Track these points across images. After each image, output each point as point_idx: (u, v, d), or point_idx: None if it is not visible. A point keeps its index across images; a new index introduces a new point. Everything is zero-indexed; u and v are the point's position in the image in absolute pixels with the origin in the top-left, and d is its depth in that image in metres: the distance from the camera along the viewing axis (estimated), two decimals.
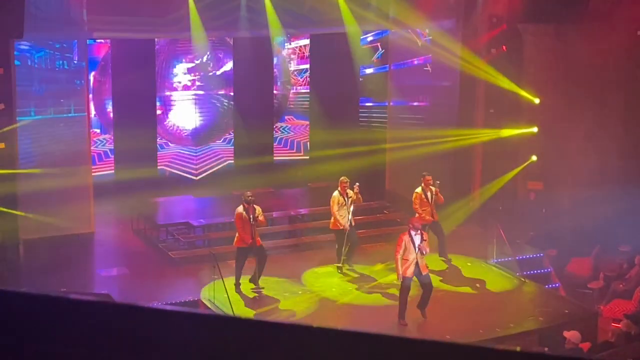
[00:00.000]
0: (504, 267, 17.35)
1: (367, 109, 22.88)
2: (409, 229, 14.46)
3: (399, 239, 14.43)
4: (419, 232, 14.33)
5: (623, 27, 20.34)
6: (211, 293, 15.19)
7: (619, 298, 16.87)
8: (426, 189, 16.99)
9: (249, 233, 15.40)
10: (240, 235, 15.48)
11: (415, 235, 14.30)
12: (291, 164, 23.44)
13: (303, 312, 15.11)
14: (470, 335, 14.20)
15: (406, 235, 14.35)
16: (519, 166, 20.84)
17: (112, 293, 15.41)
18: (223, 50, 22.36)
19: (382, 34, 22.17)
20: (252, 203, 15.55)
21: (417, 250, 14.23)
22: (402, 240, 14.31)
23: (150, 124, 21.23)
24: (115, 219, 19.69)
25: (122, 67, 20.59)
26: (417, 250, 14.23)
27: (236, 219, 15.59)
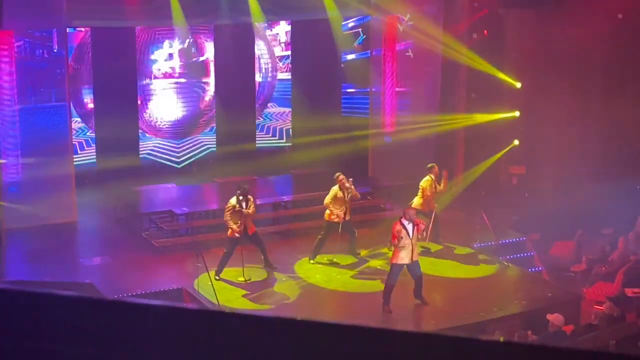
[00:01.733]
0: (487, 252, 17.40)
1: (349, 95, 22.86)
2: (400, 218, 14.50)
3: (392, 229, 14.44)
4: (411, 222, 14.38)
5: (604, 10, 20.40)
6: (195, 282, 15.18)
7: (602, 281, 16.95)
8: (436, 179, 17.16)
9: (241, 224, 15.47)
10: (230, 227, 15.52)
11: (408, 224, 14.34)
12: (273, 151, 23.40)
13: (288, 298, 15.12)
14: (454, 319, 14.26)
15: (398, 224, 14.38)
16: (501, 151, 20.90)
17: (95, 282, 15.36)
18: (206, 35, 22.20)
19: (363, 19, 22.13)
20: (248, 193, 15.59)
21: (411, 237, 14.27)
22: (394, 229, 14.32)
23: (132, 112, 21.09)
24: (98, 208, 19.60)
25: (103, 55, 20.44)
26: (411, 237, 14.27)
27: (226, 211, 15.58)
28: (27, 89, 18.67)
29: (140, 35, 21.53)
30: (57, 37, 19.06)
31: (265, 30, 23.40)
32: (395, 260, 14.40)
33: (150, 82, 21.86)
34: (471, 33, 20.70)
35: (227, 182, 20.43)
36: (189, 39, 21.73)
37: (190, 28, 21.00)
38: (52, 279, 15.28)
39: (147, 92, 21.82)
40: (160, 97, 22.00)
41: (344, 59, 22.71)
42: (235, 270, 15.86)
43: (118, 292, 14.95)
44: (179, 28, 20.36)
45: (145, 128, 21.98)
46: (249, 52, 22.24)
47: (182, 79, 22.20)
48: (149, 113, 21.92)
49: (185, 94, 22.29)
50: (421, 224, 14.68)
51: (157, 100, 21.96)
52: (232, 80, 21.63)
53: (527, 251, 18.19)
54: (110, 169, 19.78)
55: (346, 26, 22.40)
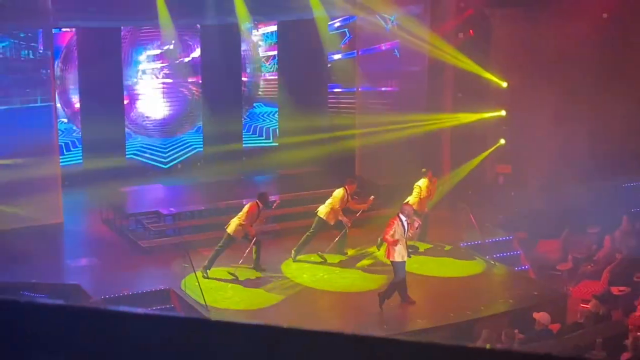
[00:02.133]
0: (474, 251, 17.44)
1: (336, 95, 22.86)
2: (398, 214, 14.55)
3: (390, 222, 14.48)
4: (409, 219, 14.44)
5: (589, 10, 20.47)
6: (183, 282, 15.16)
7: (588, 279, 17.03)
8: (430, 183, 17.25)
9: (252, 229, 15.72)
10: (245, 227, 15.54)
11: (406, 220, 14.39)
12: (260, 151, 23.39)
13: (275, 299, 15.11)
14: (441, 319, 14.30)
15: (396, 219, 14.44)
16: (488, 150, 20.94)
17: (82, 283, 15.31)
18: (190, 36, 22.18)
19: (349, 19, 22.13)
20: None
21: (405, 235, 14.32)
22: (392, 224, 14.37)
23: (118, 112, 21.06)
24: (84, 209, 19.55)
25: (88, 56, 20.40)
26: (406, 234, 14.33)
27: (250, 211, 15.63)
28: (12, 90, 18.59)
29: (126, 36, 21.48)
30: (43, 37, 18.99)
31: (252, 31, 23.38)
32: (392, 257, 14.41)
33: (136, 82, 21.82)
34: (457, 33, 20.72)
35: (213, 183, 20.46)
36: (175, 39, 21.69)
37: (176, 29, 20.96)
38: (38, 281, 15.23)
39: (133, 92, 21.79)
40: (147, 96, 21.97)
41: (331, 59, 22.71)
42: (223, 270, 15.84)
43: (104, 293, 14.92)
44: (165, 28, 20.32)
45: (133, 127, 21.93)
46: (236, 53, 22.23)
47: (168, 79, 22.17)
48: (135, 112, 21.89)
49: (171, 94, 22.27)
50: (416, 221, 14.71)
51: (144, 100, 21.93)
52: (218, 80, 21.62)
53: (514, 250, 18.24)
54: (96, 169, 19.73)
55: (332, 26, 22.40)
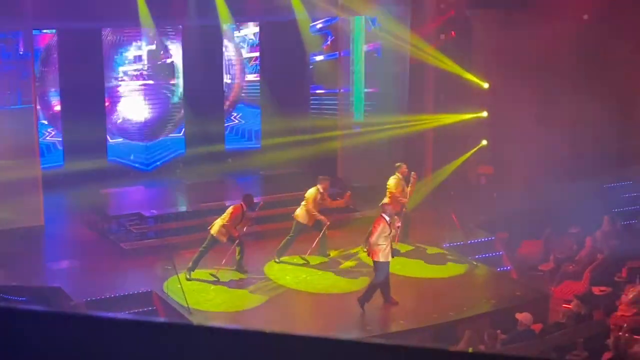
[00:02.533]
0: (456, 251, 17.46)
1: (318, 96, 22.86)
2: (381, 214, 14.56)
3: (376, 223, 14.48)
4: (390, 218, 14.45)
5: (570, 11, 20.58)
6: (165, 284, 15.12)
7: (569, 279, 17.08)
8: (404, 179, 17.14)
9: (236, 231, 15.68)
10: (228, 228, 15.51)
11: (390, 220, 14.42)
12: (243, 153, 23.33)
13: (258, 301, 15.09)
14: (424, 319, 14.32)
15: (383, 221, 14.44)
16: (470, 151, 20.99)
17: (63, 286, 15.23)
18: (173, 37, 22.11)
19: (331, 20, 22.14)
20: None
21: (390, 234, 14.34)
22: (379, 225, 14.36)
23: (99, 114, 20.97)
24: (65, 211, 19.46)
25: (69, 58, 20.30)
26: (391, 234, 14.34)
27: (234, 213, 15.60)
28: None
29: (107, 36, 21.40)
30: (23, 39, 18.89)
31: (234, 32, 23.34)
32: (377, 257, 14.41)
33: (117, 84, 21.74)
34: (439, 34, 20.78)
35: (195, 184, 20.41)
36: (157, 40, 21.63)
37: (158, 30, 20.91)
38: (19, 283, 15.15)
39: (114, 94, 21.70)
40: (128, 99, 21.88)
41: (313, 60, 22.71)
42: (206, 272, 15.80)
43: (86, 296, 14.85)
44: (146, 29, 20.26)
45: (114, 130, 21.85)
46: (218, 54, 22.19)
47: (150, 80, 22.09)
48: (117, 115, 21.80)
49: (153, 95, 22.18)
50: (397, 221, 14.73)
51: (125, 102, 21.84)
52: (200, 82, 21.57)
53: (496, 250, 18.28)
54: (77, 171, 19.64)
55: (314, 27, 22.40)
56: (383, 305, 14.79)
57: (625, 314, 14.93)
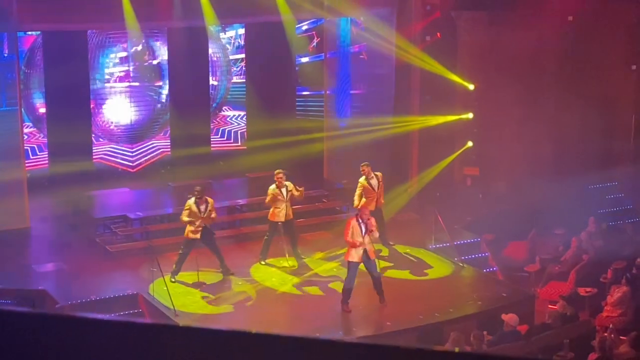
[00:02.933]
0: (442, 253, 17.49)
1: (304, 97, 22.86)
2: (357, 215, 14.60)
3: (347, 223, 14.53)
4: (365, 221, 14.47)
5: (554, 13, 20.64)
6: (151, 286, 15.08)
7: (555, 280, 17.15)
8: (369, 177, 16.99)
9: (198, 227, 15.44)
10: (191, 224, 15.46)
11: (362, 223, 14.42)
12: (229, 155, 23.31)
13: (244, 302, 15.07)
14: (410, 321, 14.33)
15: (354, 220, 14.48)
16: (455, 152, 21.03)
17: (49, 288, 15.19)
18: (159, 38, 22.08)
19: (317, 22, 22.15)
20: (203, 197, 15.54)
21: (364, 235, 14.35)
22: (349, 225, 14.41)
23: (85, 116, 20.89)
24: (51, 214, 19.38)
25: (54, 59, 20.22)
26: (364, 235, 14.35)
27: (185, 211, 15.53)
28: None
29: (92, 38, 21.34)
30: (8, 41, 18.82)
31: (219, 33, 23.31)
32: (349, 257, 14.50)
33: (103, 85, 21.68)
34: (424, 35, 20.80)
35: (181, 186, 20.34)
36: (142, 41, 21.60)
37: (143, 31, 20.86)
38: (4, 286, 15.09)
39: (100, 96, 21.65)
40: (114, 100, 21.84)
41: (298, 61, 22.72)
42: (191, 274, 15.79)
43: (72, 299, 14.81)
44: (131, 31, 20.21)
45: (100, 132, 21.80)
46: (203, 55, 22.16)
47: (136, 82, 22.04)
48: (102, 117, 21.75)
49: (139, 97, 22.14)
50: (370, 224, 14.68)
51: (111, 104, 21.79)
52: (186, 83, 21.54)
53: (482, 252, 18.33)
54: (63, 174, 19.57)
55: (300, 29, 22.41)
56: (370, 307, 14.80)
57: (611, 314, 15.00)
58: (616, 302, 15.09)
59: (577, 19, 20.86)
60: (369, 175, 16.98)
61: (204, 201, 15.58)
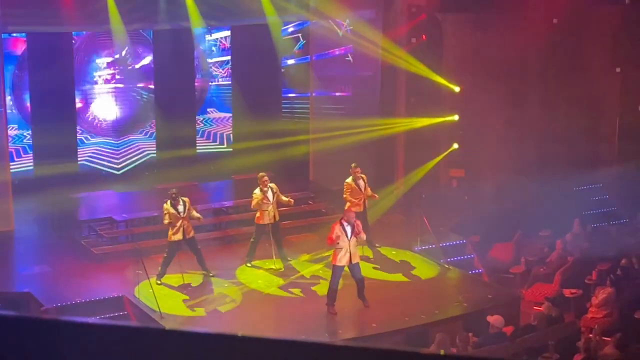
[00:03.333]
0: (428, 255, 17.50)
1: (290, 99, 22.86)
2: (341, 219, 14.57)
3: (332, 227, 14.51)
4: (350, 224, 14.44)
5: (540, 15, 20.71)
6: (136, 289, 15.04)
7: (540, 282, 17.19)
8: (357, 179, 16.98)
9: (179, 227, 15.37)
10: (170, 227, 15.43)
11: (347, 225, 14.39)
12: (214, 157, 23.28)
13: (230, 305, 15.05)
14: (396, 323, 14.34)
15: (338, 224, 14.44)
16: (441, 154, 21.06)
17: (34, 291, 15.12)
18: (142, 45, 22.15)
19: (303, 24, 22.16)
20: (178, 198, 15.49)
21: (349, 239, 14.33)
22: (334, 229, 14.38)
23: (70, 118, 20.85)
24: (36, 216, 19.29)
25: (39, 62, 20.17)
26: (349, 238, 14.33)
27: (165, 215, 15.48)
28: None
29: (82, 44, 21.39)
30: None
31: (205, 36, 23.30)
32: (335, 261, 14.49)
33: (92, 87, 21.75)
34: (410, 37, 20.84)
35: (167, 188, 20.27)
36: (127, 48, 21.64)
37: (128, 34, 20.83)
38: None
39: (89, 96, 21.71)
40: (101, 99, 21.91)
41: (284, 63, 22.71)
42: (176, 277, 15.75)
43: (57, 301, 14.75)
44: (117, 34, 20.18)
45: (88, 128, 21.87)
46: (189, 58, 22.14)
47: (120, 84, 22.10)
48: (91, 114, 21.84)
49: (123, 97, 22.22)
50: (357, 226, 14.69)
51: (98, 102, 21.87)
52: (171, 85, 21.53)
53: (468, 253, 18.35)
54: (48, 176, 19.50)
55: (286, 31, 22.41)
56: (356, 309, 14.80)
57: (596, 316, 15.05)
58: (601, 303, 15.14)
59: (562, 21, 20.92)
60: (357, 176, 16.97)
61: (179, 202, 15.54)
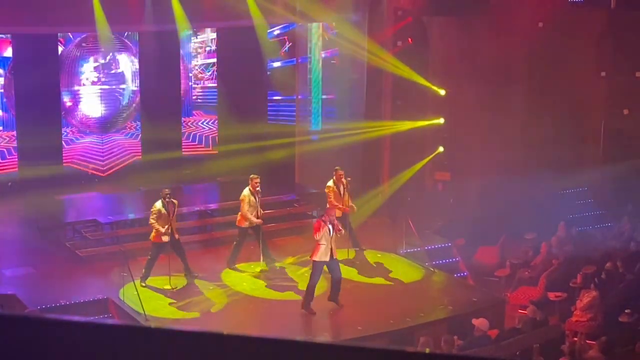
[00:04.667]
0: (413, 258, 17.51)
1: (276, 102, 22.85)
2: (322, 217, 14.63)
3: (317, 223, 14.56)
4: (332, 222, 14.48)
5: (525, 19, 20.78)
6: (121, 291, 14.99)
7: (525, 285, 17.22)
8: (338, 182, 16.96)
9: (167, 229, 15.34)
10: (155, 227, 15.37)
11: (329, 223, 14.44)
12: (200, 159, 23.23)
13: (215, 307, 15.03)
14: (381, 325, 14.34)
15: (320, 222, 14.51)
16: (427, 157, 21.09)
17: (18, 293, 15.05)
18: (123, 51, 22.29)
19: (289, 27, 22.16)
20: (171, 199, 15.46)
21: (331, 236, 14.37)
22: (320, 225, 14.41)
23: (55, 120, 20.79)
24: (20, 218, 19.21)
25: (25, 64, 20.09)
26: (331, 235, 14.37)
27: (153, 214, 15.43)
28: None
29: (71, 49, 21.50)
30: None
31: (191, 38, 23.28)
32: (315, 256, 14.48)
33: (80, 88, 21.82)
34: (396, 40, 20.87)
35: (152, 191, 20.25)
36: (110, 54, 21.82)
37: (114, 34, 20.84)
38: None
39: (77, 96, 21.81)
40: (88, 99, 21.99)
41: (270, 66, 22.70)
42: (161, 279, 15.72)
43: (42, 304, 14.68)
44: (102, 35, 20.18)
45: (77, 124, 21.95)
46: (174, 60, 22.12)
47: (105, 85, 22.17)
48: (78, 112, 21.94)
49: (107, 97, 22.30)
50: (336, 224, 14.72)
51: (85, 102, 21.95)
52: (157, 88, 21.50)
53: (453, 257, 18.38)
54: (32, 177, 19.43)
55: (272, 34, 22.41)
56: (340, 312, 14.80)
57: (580, 319, 15.10)
58: (585, 306, 15.19)
59: (547, 25, 21.00)
60: (339, 180, 16.94)
61: (171, 203, 15.52)
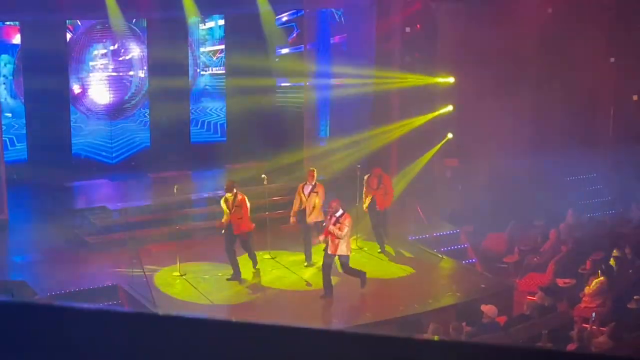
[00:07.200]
0: (422, 244, 17.52)
1: (284, 89, 22.82)
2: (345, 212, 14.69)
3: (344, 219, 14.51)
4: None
5: (534, 5, 20.72)
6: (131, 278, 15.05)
7: (534, 271, 17.22)
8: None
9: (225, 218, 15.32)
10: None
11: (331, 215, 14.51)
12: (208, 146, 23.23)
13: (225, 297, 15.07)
14: (390, 312, 14.37)
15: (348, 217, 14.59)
16: (436, 145, 21.02)
17: (28, 280, 15.13)
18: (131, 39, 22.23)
19: (296, 13, 22.12)
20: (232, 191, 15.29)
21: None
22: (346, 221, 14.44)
23: (63, 107, 20.82)
24: (29, 205, 19.27)
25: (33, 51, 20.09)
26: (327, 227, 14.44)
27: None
28: None
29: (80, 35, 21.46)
30: None
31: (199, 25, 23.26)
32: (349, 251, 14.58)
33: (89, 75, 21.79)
34: (404, 27, 20.79)
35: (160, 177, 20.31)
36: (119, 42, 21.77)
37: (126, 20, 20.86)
38: None
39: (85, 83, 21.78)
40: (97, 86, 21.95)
41: (278, 53, 22.67)
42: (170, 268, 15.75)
43: (52, 290, 14.76)
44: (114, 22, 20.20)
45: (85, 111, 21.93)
46: (183, 47, 22.10)
47: (114, 72, 22.14)
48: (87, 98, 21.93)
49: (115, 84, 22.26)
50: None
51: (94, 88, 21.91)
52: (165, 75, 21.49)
53: (461, 243, 18.38)
54: (41, 164, 19.47)
55: (280, 20, 22.37)
56: (349, 298, 14.83)
57: (589, 305, 15.09)
58: (594, 293, 15.18)
59: (556, 11, 20.94)
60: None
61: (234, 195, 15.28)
